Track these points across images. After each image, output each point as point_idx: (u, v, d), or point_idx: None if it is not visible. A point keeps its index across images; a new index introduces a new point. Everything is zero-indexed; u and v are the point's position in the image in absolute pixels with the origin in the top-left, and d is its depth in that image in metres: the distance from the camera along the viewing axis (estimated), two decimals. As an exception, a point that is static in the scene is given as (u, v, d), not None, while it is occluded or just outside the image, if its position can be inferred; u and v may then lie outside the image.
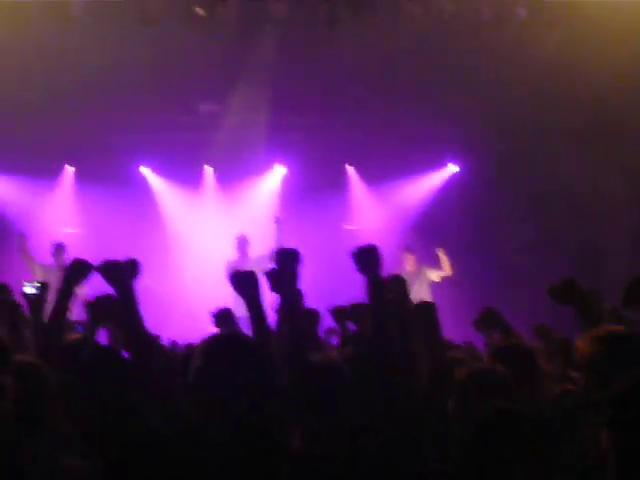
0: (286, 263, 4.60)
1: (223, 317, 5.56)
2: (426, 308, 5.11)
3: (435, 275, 14.01)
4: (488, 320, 6.32)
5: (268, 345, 4.31)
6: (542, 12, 11.88)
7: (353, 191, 16.54)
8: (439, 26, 11.89)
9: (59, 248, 13.35)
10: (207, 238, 15.63)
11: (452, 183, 16.39)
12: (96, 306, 5.22)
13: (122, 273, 4.48)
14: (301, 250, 4.78)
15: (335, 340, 7.09)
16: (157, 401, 3.91)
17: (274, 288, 4.52)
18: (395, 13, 11.70)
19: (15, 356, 3.56)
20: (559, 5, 12.01)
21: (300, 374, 3.92)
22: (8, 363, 1.78)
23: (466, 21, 11.91)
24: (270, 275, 4.52)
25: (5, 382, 1.76)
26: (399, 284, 5.30)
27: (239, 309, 5.79)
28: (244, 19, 11.67)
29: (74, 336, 5.08)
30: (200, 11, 11.06)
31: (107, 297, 5.05)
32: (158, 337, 4.75)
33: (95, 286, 4.83)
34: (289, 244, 10.47)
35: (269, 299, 4.54)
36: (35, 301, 5.11)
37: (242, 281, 4.53)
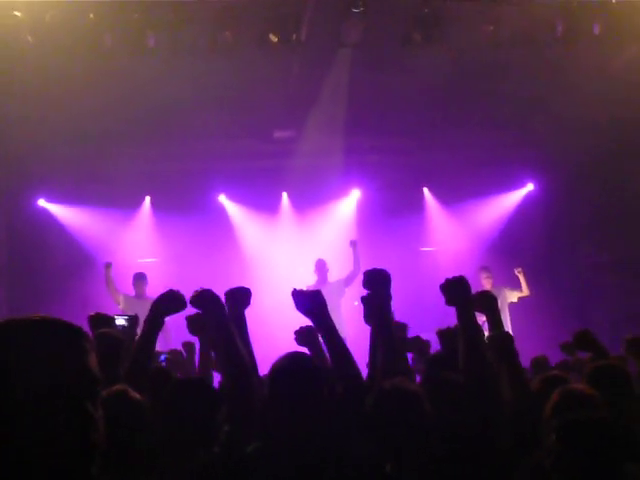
0: (379, 285, 4.61)
1: (306, 335, 5.52)
2: (505, 339, 5.06)
3: (514, 295, 13.92)
4: (582, 341, 6.23)
5: (347, 363, 4.28)
6: (617, 27, 11.70)
7: (430, 212, 16.48)
8: (512, 43, 11.79)
9: (140, 278, 13.46)
10: (285, 263, 15.68)
11: (529, 202, 16.24)
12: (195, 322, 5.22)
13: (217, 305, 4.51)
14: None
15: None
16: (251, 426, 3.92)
17: (369, 313, 4.52)
18: (468, 32, 11.64)
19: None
20: (635, 20, 11.82)
21: (382, 398, 3.89)
22: (98, 394, 1.79)
23: (539, 38, 11.79)
24: (366, 300, 4.53)
25: (96, 413, 1.76)
26: (489, 301, 5.22)
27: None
28: (317, 44, 11.70)
29: (160, 365, 5.11)
30: (273, 38, 11.11)
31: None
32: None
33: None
34: (365, 267, 10.44)
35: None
36: (124, 333, 5.16)
37: (305, 301, 4.48)
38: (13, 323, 1.79)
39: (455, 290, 4.48)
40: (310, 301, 4.45)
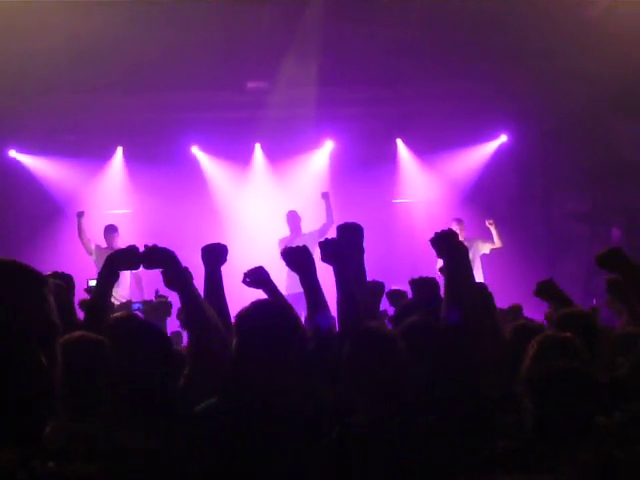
0: (346, 236, 4.65)
1: (257, 275, 5.40)
2: (481, 291, 5.15)
3: (486, 247, 13.99)
4: (545, 291, 6.23)
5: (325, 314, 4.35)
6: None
7: (403, 164, 16.47)
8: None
9: (110, 230, 13.45)
10: (258, 215, 15.68)
11: (503, 153, 16.25)
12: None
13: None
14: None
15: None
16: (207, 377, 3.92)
17: (324, 258, 4.54)
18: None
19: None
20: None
21: (355, 342, 3.92)
22: (55, 341, 1.77)
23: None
24: (323, 245, 4.55)
25: (51, 361, 1.74)
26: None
27: (293, 286, 5.75)
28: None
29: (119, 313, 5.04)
30: (245, -13, 10.98)
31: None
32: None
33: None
34: (339, 218, 10.42)
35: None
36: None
37: (295, 257, 4.57)
38: None
39: (445, 242, 4.55)
40: (296, 258, 4.58)
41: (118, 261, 4.45)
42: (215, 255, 5.06)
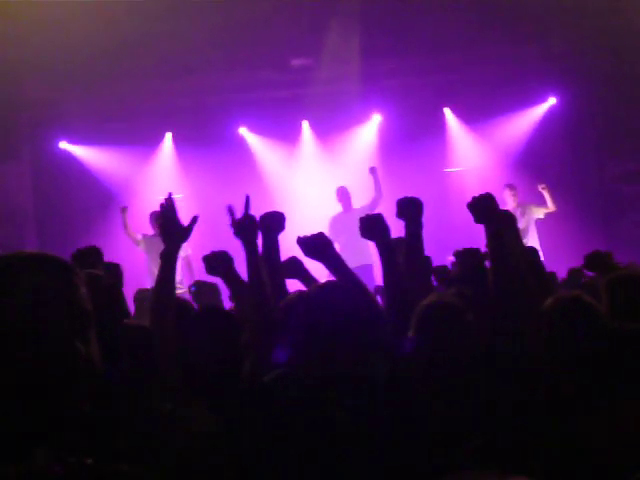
0: (407, 209, 4.66)
1: (291, 267, 5.32)
2: (530, 254, 5.12)
3: (540, 212, 13.84)
4: (594, 264, 6.15)
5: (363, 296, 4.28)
6: None
7: (452, 133, 16.33)
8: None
9: (156, 217, 13.50)
10: (309, 193, 15.66)
11: (552, 116, 16.03)
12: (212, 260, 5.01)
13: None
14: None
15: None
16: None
17: (363, 234, 4.55)
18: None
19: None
20: None
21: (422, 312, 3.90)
22: (89, 328, 1.82)
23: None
24: (362, 220, 4.56)
25: (87, 347, 1.79)
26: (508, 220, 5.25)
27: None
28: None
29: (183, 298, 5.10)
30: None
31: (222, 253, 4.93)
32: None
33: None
34: (391, 191, 10.33)
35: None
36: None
37: (311, 245, 4.50)
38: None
39: (482, 207, 4.49)
40: (314, 247, 4.48)
41: (173, 237, 4.41)
42: (272, 223, 5.03)
